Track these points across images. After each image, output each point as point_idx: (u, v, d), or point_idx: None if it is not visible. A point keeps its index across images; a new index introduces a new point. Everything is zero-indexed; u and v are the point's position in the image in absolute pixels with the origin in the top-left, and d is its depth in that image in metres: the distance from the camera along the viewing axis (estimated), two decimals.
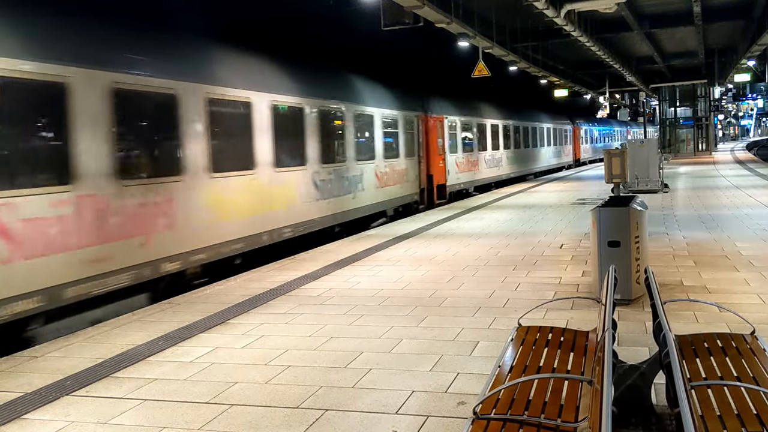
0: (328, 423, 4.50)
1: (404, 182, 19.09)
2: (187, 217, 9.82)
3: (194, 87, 10.13)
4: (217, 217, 10.53)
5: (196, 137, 10.13)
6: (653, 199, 18.29)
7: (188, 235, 9.84)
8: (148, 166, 9.23)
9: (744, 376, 3.69)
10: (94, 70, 8.34)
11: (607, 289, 4.24)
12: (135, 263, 8.79)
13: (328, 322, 7.04)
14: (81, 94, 8.11)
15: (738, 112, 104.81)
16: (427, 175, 20.88)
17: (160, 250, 9.25)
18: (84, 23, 8.81)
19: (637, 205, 7.54)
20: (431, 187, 21.05)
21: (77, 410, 4.92)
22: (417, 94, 21.21)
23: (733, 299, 7.23)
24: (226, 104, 10.91)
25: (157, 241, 9.18)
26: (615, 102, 56.81)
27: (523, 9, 18.76)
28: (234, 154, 11.10)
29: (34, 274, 7.28)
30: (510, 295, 7.93)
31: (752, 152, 59.02)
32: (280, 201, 12.44)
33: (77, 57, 8.16)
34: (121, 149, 8.70)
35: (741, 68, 37.38)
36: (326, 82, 15.27)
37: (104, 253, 8.30)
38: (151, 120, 9.36)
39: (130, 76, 8.91)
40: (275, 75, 12.90)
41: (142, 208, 8.93)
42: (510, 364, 4.03)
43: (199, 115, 10.24)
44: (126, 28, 9.49)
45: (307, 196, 13.57)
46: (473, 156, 25.43)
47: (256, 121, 11.75)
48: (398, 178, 18.68)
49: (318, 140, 14.07)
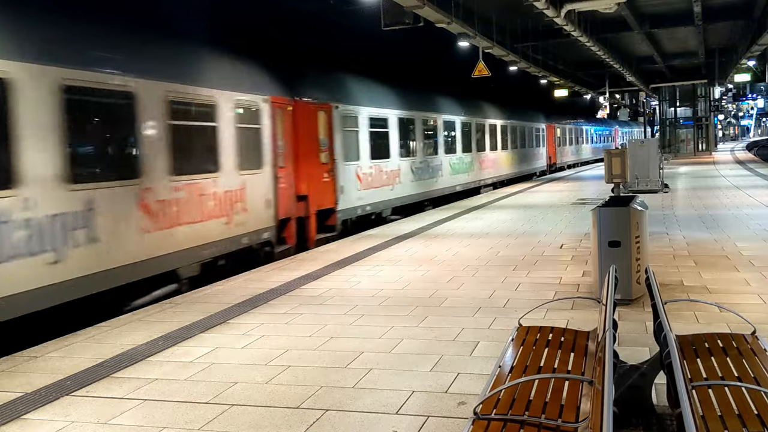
0: (328, 423, 4.50)
1: (237, 214, 11.24)
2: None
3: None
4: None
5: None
6: (653, 199, 18.28)
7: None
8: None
9: (745, 377, 3.69)
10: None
11: (607, 289, 4.23)
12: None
13: (329, 322, 7.03)
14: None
15: (738, 112, 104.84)
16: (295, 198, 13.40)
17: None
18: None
19: (638, 205, 7.54)
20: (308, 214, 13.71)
21: (77, 410, 4.91)
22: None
23: (733, 299, 7.22)
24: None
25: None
26: (615, 102, 56.78)
27: (524, 9, 18.75)
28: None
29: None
30: (510, 295, 7.93)
31: (752, 152, 59.00)
32: None
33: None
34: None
35: (741, 68, 37.41)
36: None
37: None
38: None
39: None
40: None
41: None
42: (510, 365, 4.03)
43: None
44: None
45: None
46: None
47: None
48: (221, 208, 10.80)
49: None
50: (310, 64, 15.51)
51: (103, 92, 8.47)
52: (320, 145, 14.17)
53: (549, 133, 38.37)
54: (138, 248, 8.91)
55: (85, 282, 8.06)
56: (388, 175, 17.83)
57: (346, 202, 15.26)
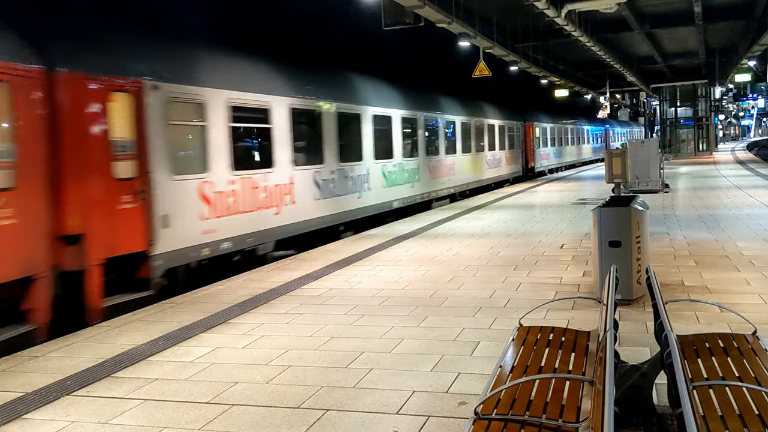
0: (328, 423, 4.50)
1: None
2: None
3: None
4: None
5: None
6: (654, 199, 18.28)
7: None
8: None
9: (746, 377, 3.69)
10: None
11: (608, 289, 4.23)
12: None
13: (329, 322, 7.03)
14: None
15: (738, 112, 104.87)
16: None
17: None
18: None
19: (638, 205, 7.54)
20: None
21: (78, 410, 4.91)
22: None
23: (734, 299, 7.22)
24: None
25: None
26: (616, 102, 56.74)
27: (524, 9, 18.75)
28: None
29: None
30: (511, 295, 7.92)
31: (753, 152, 58.97)
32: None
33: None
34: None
35: (742, 68, 37.40)
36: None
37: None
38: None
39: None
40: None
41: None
42: (511, 365, 4.03)
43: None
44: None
45: None
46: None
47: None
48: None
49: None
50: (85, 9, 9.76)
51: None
52: (113, 150, 8.73)
53: (527, 133, 33.09)
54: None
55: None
56: (270, 192, 12.12)
57: (176, 239, 9.67)
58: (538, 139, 34.75)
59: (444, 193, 21.86)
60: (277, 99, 12.60)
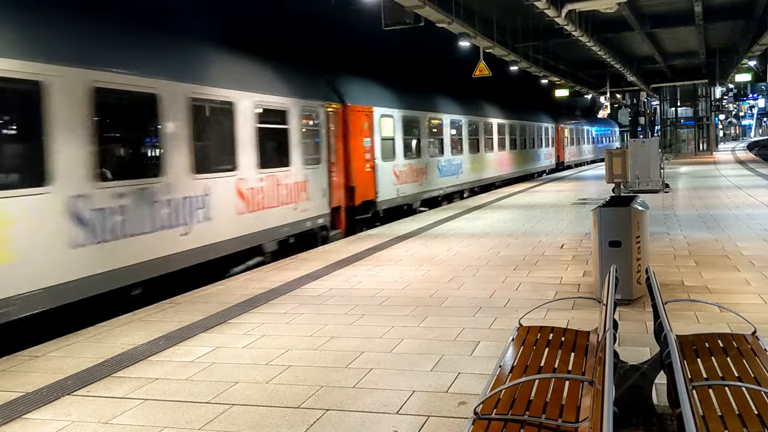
0: (329, 423, 4.50)
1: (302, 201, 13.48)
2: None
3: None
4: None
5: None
6: (654, 199, 18.28)
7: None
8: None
9: (745, 377, 3.69)
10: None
11: (608, 289, 4.23)
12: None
13: (329, 322, 7.04)
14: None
15: (739, 112, 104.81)
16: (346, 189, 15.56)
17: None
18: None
19: (638, 205, 7.54)
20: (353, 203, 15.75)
21: (78, 410, 4.92)
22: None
23: (734, 299, 7.22)
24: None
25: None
26: (616, 102, 56.70)
27: (524, 9, 18.75)
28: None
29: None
30: (511, 295, 7.93)
31: (753, 152, 58.93)
32: None
33: None
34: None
35: (742, 68, 37.38)
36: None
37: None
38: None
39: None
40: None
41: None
42: (511, 364, 4.03)
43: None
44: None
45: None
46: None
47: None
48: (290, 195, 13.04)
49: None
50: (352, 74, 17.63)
51: (216, 102, 11.03)
52: (365, 145, 16.62)
53: (558, 133, 38.33)
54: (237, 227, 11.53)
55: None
56: (417, 173, 19.92)
57: (383, 196, 17.57)
58: (566, 139, 41.86)
59: (515, 176, 30.32)
60: (421, 113, 20.40)
